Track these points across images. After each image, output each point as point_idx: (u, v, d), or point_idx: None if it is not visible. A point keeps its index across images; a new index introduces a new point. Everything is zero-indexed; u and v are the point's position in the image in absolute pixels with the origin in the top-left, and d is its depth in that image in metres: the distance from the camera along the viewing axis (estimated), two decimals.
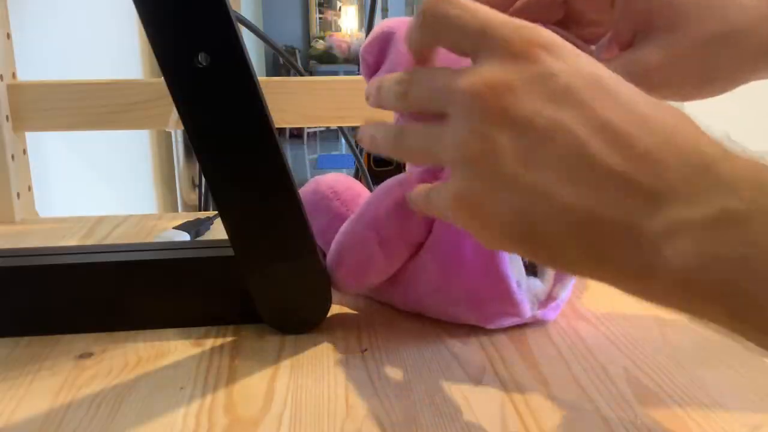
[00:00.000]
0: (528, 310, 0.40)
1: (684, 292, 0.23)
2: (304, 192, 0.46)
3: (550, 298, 0.41)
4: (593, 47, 0.38)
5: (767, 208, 0.22)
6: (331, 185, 0.45)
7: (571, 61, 0.26)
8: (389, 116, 0.52)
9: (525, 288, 0.40)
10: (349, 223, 0.41)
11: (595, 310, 0.44)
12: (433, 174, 0.39)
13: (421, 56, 0.32)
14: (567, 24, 0.39)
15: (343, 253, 0.41)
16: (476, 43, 0.28)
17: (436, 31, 0.30)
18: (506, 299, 0.39)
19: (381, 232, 0.39)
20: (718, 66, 0.34)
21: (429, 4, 0.29)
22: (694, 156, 0.24)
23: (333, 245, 0.42)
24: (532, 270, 0.41)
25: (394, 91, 0.31)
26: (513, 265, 0.39)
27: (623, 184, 0.24)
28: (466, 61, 0.29)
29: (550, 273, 0.42)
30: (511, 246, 0.27)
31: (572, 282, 0.42)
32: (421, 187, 0.32)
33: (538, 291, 0.41)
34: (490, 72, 0.26)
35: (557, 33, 0.37)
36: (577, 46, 0.36)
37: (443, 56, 0.32)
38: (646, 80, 0.33)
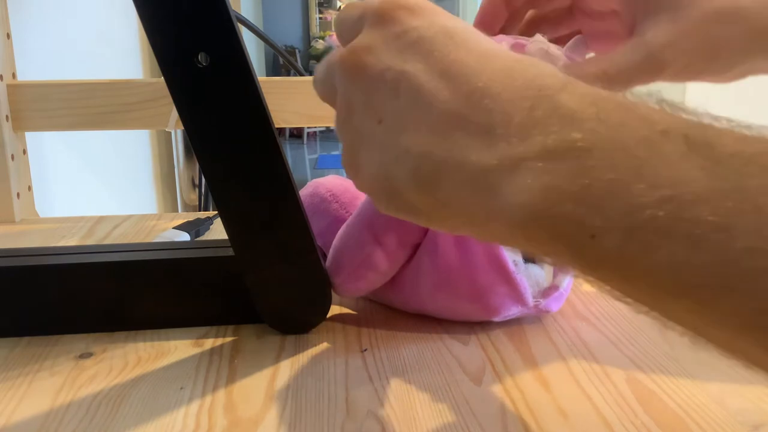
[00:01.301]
0: (529, 295, 0.40)
1: (527, 230, 0.22)
2: (302, 195, 0.46)
3: (552, 287, 0.41)
4: (562, 48, 0.38)
5: (606, 137, 0.20)
6: (329, 188, 0.46)
7: (427, 17, 0.27)
8: None
9: (523, 270, 0.40)
10: (346, 227, 0.41)
11: (595, 310, 0.45)
12: None
13: None
14: (576, 18, 0.40)
15: (341, 257, 0.41)
16: (359, 25, 0.29)
17: (339, 33, 0.31)
18: (506, 281, 0.39)
19: (378, 232, 0.39)
20: (725, 43, 0.33)
21: (335, 19, 0.32)
22: (531, 89, 0.23)
23: (331, 251, 0.42)
24: (532, 259, 0.42)
25: (315, 84, 0.33)
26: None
27: (457, 123, 0.24)
28: None
29: None
30: (385, 203, 0.27)
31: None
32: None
33: (539, 278, 0.41)
34: (358, 39, 0.28)
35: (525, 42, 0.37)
36: (550, 51, 0.36)
37: None
38: (654, 61, 0.34)
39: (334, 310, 0.44)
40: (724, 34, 0.33)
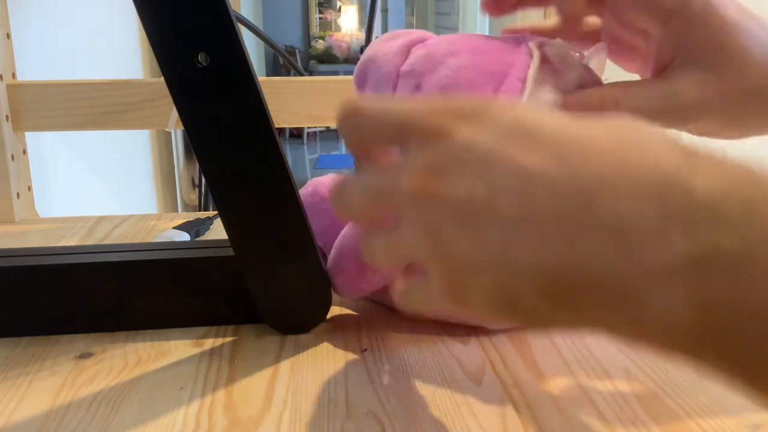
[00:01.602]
0: None
1: (685, 346, 0.20)
2: (302, 194, 0.46)
3: None
4: (585, 53, 0.38)
5: (763, 240, 0.18)
6: (329, 187, 0.45)
7: (486, 120, 0.25)
8: None
9: None
10: (350, 227, 0.41)
11: None
12: None
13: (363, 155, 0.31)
14: (603, 18, 0.39)
15: (342, 258, 0.41)
16: (398, 136, 0.27)
17: (360, 139, 0.29)
18: None
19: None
20: (749, 115, 0.34)
21: (341, 119, 0.29)
22: (654, 175, 0.20)
23: (333, 251, 0.42)
24: None
25: (332, 203, 0.30)
26: None
27: (578, 229, 0.21)
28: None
29: None
30: (509, 317, 0.25)
31: None
32: (403, 292, 0.30)
33: None
34: (417, 161, 0.25)
35: (553, 45, 0.37)
36: (568, 58, 0.36)
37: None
38: (678, 114, 0.34)
39: (334, 310, 0.44)
40: (752, 109, 0.33)
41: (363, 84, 0.42)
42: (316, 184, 0.46)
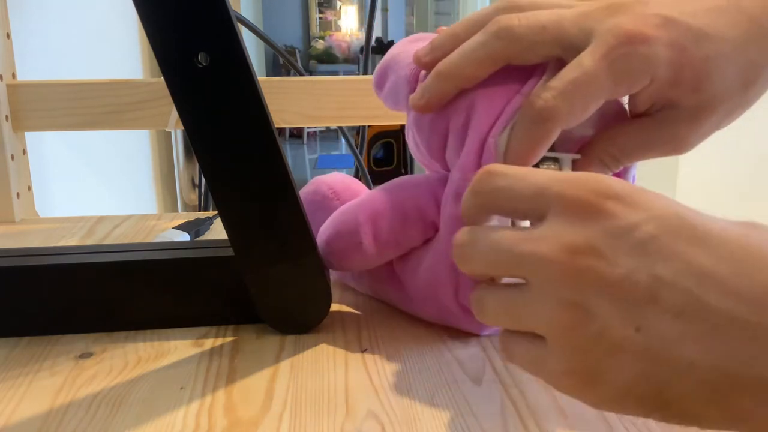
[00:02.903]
0: None
1: None
2: (304, 193, 0.46)
3: None
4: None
5: None
6: (331, 185, 0.46)
7: (646, 206, 0.25)
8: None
9: None
10: (350, 207, 0.41)
11: None
12: (444, 174, 0.39)
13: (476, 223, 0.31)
14: None
15: (333, 235, 0.41)
16: (535, 206, 0.27)
17: (490, 204, 0.29)
18: None
19: (378, 227, 0.39)
20: (731, 120, 0.35)
21: (477, 182, 0.29)
22: None
23: (329, 221, 0.42)
24: None
25: (456, 254, 0.29)
26: None
27: (744, 331, 0.22)
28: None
29: None
30: (634, 408, 0.25)
31: None
32: (513, 348, 0.29)
33: None
34: (566, 234, 0.25)
35: None
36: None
37: None
38: (680, 152, 0.35)
39: (334, 309, 0.44)
40: (735, 118, 0.34)
41: (382, 84, 0.42)
42: (318, 183, 0.46)
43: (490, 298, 0.29)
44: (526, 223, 0.32)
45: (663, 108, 0.34)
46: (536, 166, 0.35)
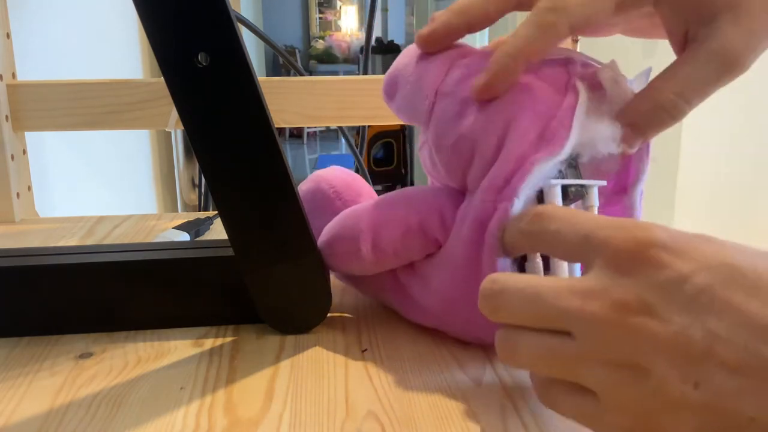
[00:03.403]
0: None
1: None
2: (303, 190, 0.46)
3: None
4: (629, 78, 0.36)
5: None
6: (332, 184, 0.45)
7: (695, 255, 0.24)
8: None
9: None
10: (356, 212, 0.40)
11: None
12: (453, 188, 0.39)
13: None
14: None
15: (334, 238, 0.40)
16: (581, 252, 0.27)
17: (536, 243, 0.29)
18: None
19: (378, 236, 0.39)
20: None
21: (528, 223, 0.29)
22: None
23: (334, 222, 0.41)
24: None
25: (486, 304, 0.29)
26: None
27: None
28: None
29: None
30: None
31: None
32: (559, 398, 0.28)
33: None
34: (614, 289, 0.25)
35: (588, 64, 0.36)
36: (620, 81, 0.34)
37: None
38: (733, 68, 0.32)
39: (334, 309, 0.44)
40: None
41: (393, 94, 0.40)
42: (318, 179, 0.46)
43: (524, 342, 0.28)
44: (564, 266, 0.32)
45: (702, 25, 0.32)
46: (564, 191, 0.34)
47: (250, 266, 0.39)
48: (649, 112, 0.34)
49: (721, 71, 0.32)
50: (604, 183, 0.36)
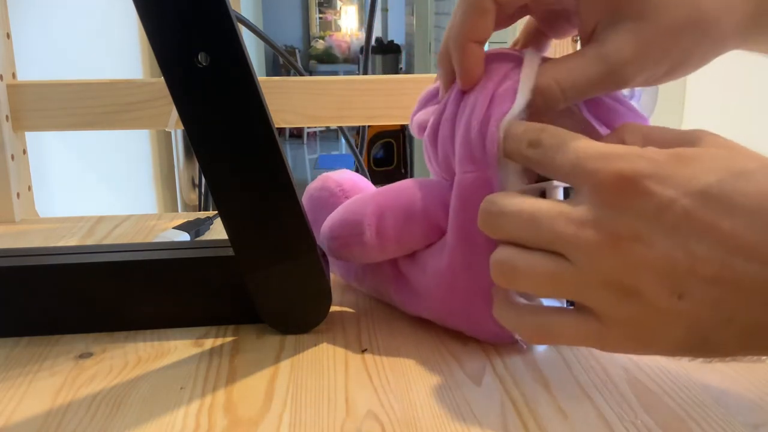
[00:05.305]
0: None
1: None
2: (311, 188, 0.47)
3: None
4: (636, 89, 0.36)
5: None
6: (339, 182, 0.46)
7: (675, 181, 0.27)
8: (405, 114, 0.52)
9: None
10: (361, 199, 0.41)
11: None
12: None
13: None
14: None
15: (339, 222, 0.41)
16: (569, 178, 0.29)
17: (536, 159, 0.31)
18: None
19: (382, 222, 0.39)
20: (690, 51, 0.33)
21: (526, 144, 0.32)
22: None
23: (339, 209, 0.42)
24: None
25: (485, 222, 0.32)
26: None
27: None
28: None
29: None
30: (681, 354, 0.29)
31: None
32: (558, 328, 0.31)
33: None
34: (607, 221, 0.28)
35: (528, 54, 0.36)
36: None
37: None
38: (615, 77, 0.33)
39: (334, 309, 0.44)
40: (690, 44, 0.32)
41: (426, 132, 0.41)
42: (325, 178, 0.47)
43: (522, 262, 0.30)
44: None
45: (606, 26, 0.33)
46: (566, 193, 0.35)
47: (250, 266, 0.39)
48: (534, 90, 0.35)
49: (603, 75, 0.33)
50: (566, 184, 0.35)
